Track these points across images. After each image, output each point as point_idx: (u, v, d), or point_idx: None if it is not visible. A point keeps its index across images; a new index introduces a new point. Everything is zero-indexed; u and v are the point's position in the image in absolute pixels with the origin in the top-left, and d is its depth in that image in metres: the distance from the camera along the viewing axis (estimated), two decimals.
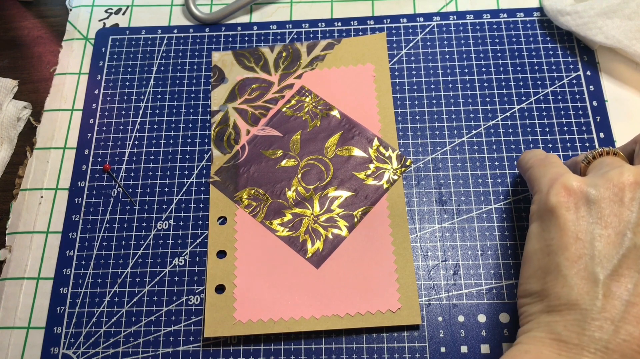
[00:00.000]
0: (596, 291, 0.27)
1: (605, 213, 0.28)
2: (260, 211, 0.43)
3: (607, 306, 0.26)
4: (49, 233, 0.44)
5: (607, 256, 0.27)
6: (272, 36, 0.50)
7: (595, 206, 0.29)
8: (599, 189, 0.29)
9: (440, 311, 0.39)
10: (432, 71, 0.47)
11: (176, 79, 0.49)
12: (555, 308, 0.28)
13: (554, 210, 0.30)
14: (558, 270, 0.28)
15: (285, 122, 0.46)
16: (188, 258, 0.42)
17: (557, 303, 0.28)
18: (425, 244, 0.41)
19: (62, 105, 0.49)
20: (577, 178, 0.30)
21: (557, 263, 0.29)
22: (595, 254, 0.28)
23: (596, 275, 0.27)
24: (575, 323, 0.27)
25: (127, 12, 0.53)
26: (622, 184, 0.28)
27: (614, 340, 0.26)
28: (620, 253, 0.27)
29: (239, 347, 0.39)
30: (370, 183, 0.43)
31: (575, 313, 0.27)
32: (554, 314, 0.28)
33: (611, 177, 0.29)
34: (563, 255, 0.28)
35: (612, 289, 0.27)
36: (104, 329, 0.40)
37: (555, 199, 0.30)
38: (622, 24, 0.44)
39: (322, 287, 0.40)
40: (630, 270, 0.27)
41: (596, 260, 0.28)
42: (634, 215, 0.28)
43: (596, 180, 0.29)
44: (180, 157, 0.46)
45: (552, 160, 0.34)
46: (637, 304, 0.26)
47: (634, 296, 0.26)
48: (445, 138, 0.45)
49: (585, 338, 0.26)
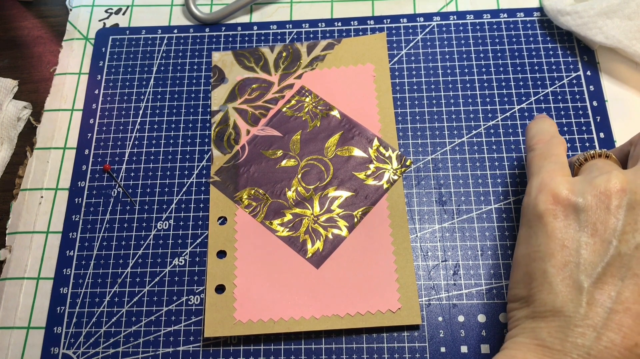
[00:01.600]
0: (580, 298, 0.27)
1: (592, 221, 0.28)
2: (260, 212, 0.43)
3: (590, 314, 0.27)
4: (49, 233, 0.44)
5: (592, 264, 0.28)
6: (272, 36, 0.50)
7: (582, 214, 0.29)
8: (586, 197, 0.29)
9: (440, 311, 0.39)
10: (432, 71, 0.47)
11: (176, 79, 0.49)
12: (540, 314, 0.28)
13: (542, 217, 0.30)
14: (544, 276, 0.29)
15: (285, 122, 0.46)
16: (188, 258, 0.42)
17: (542, 309, 0.28)
18: (425, 244, 0.41)
19: (62, 105, 0.49)
20: (567, 184, 0.30)
21: (544, 269, 0.29)
22: (581, 262, 0.28)
23: (581, 283, 0.27)
24: (559, 329, 0.27)
25: (127, 12, 0.53)
26: (608, 191, 0.29)
27: (596, 347, 0.26)
28: (604, 261, 0.27)
29: (239, 347, 0.39)
30: (370, 183, 0.43)
31: (559, 319, 0.27)
32: (538, 320, 0.28)
33: (598, 184, 0.29)
34: (549, 262, 0.29)
35: (595, 297, 0.27)
36: (104, 329, 0.40)
37: (543, 206, 0.30)
38: (622, 24, 0.44)
39: (322, 287, 0.40)
40: (614, 278, 0.27)
41: (581, 267, 0.28)
42: (620, 223, 0.28)
43: (584, 187, 0.29)
44: (180, 157, 0.46)
45: (554, 151, 0.34)
46: (620, 311, 0.26)
47: (617, 303, 0.26)
48: (446, 138, 0.45)
49: (568, 344, 0.27)
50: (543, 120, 0.38)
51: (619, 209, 0.28)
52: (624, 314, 0.26)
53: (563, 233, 0.29)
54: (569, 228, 0.29)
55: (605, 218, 0.28)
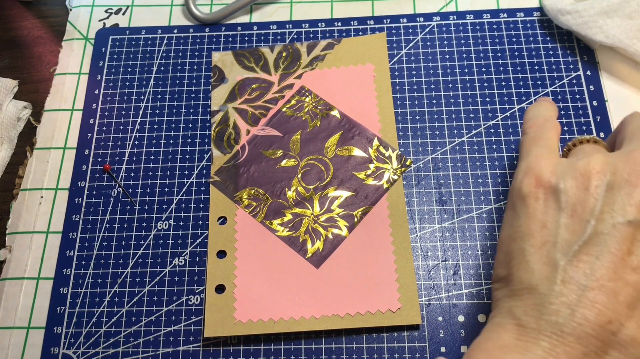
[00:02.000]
0: (555, 276, 0.27)
1: (571, 202, 0.29)
2: (260, 211, 0.43)
3: (564, 291, 0.27)
4: (49, 233, 0.44)
5: (569, 242, 0.28)
6: (272, 36, 0.50)
7: (563, 196, 0.29)
8: (567, 179, 0.29)
9: (440, 311, 0.39)
10: (432, 71, 0.47)
11: (176, 79, 0.49)
12: (517, 293, 0.29)
13: (525, 199, 0.30)
14: (522, 255, 0.29)
15: (285, 122, 0.46)
16: (188, 258, 0.42)
17: (519, 287, 0.29)
18: (425, 244, 0.41)
19: (62, 105, 0.49)
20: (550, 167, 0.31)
21: (522, 248, 0.29)
22: (558, 241, 0.28)
23: (556, 261, 0.28)
24: (534, 307, 0.27)
25: (127, 12, 0.53)
26: (588, 172, 0.29)
27: (570, 324, 0.26)
28: (582, 240, 0.28)
29: (239, 347, 0.39)
30: (370, 183, 0.43)
31: (534, 297, 0.28)
32: (515, 298, 0.29)
33: (579, 166, 0.30)
34: (528, 242, 0.29)
35: (570, 274, 0.27)
36: (104, 329, 0.40)
37: (526, 189, 0.30)
38: (622, 23, 0.44)
39: (322, 287, 0.40)
40: (589, 256, 0.27)
41: (558, 246, 0.28)
42: (599, 203, 0.28)
43: (566, 169, 0.30)
44: (180, 157, 0.46)
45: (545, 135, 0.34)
46: (594, 289, 0.26)
47: (591, 281, 0.26)
48: (446, 138, 0.45)
49: (542, 322, 0.27)
50: (541, 103, 0.38)
51: (598, 189, 0.28)
52: (598, 291, 0.26)
53: (543, 214, 0.29)
54: (549, 209, 0.29)
55: (584, 198, 0.28)
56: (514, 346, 0.27)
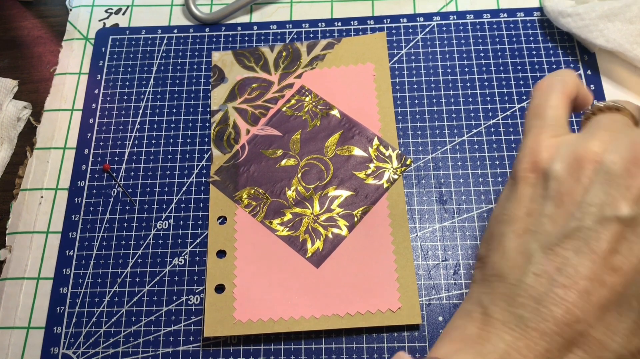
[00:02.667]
0: (527, 267, 0.26)
1: (560, 191, 0.27)
2: (260, 211, 0.43)
3: (535, 284, 0.25)
4: (49, 233, 0.44)
5: (549, 234, 0.26)
6: (272, 36, 0.50)
7: (552, 183, 0.27)
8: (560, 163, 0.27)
9: (440, 311, 0.39)
10: (432, 70, 0.47)
11: (176, 79, 0.49)
12: (488, 278, 0.27)
13: (518, 183, 0.29)
14: (501, 239, 0.28)
15: (285, 122, 0.46)
16: (188, 257, 0.42)
17: (491, 272, 0.27)
18: (425, 243, 0.41)
19: (62, 105, 0.49)
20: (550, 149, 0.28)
21: (503, 232, 0.28)
22: (539, 231, 0.27)
23: (532, 252, 0.26)
24: (502, 297, 0.26)
25: (127, 12, 0.53)
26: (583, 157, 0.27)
27: (535, 319, 0.25)
28: (562, 233, 0.26)
29: (239, 347, 0.39)
30: (370, 183, 0.43)
31: (503, 286, 0.26)
32: (486, 285, 0.27)
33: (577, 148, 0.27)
34: (511, 226, 0.28)
35: (543, 267, 0.26)
36: (104, 329, 0.40)
37: (522, 173, 0.29)
38: (623, 28, 0.44)
39: (322, 287, 0.40)
40: (566, 250, 0.25)
41: (538, 236, 0.26)
42: (589, 194, 0.26)
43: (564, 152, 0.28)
44: (180, 156, 0.46)
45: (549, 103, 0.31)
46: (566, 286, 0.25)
47: (565, 277, 0.25)
48: (446, 137, 0.45)
49: (507, 314, 0.26)
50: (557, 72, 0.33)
51: (590, 178, 0.26)
52: (570, 288, 0.25)
53: (531, 201, 0.28)
54: (538, 197, 0.28)
55: (573, 187, 0.26)
56: (477, 336, 0.26)
